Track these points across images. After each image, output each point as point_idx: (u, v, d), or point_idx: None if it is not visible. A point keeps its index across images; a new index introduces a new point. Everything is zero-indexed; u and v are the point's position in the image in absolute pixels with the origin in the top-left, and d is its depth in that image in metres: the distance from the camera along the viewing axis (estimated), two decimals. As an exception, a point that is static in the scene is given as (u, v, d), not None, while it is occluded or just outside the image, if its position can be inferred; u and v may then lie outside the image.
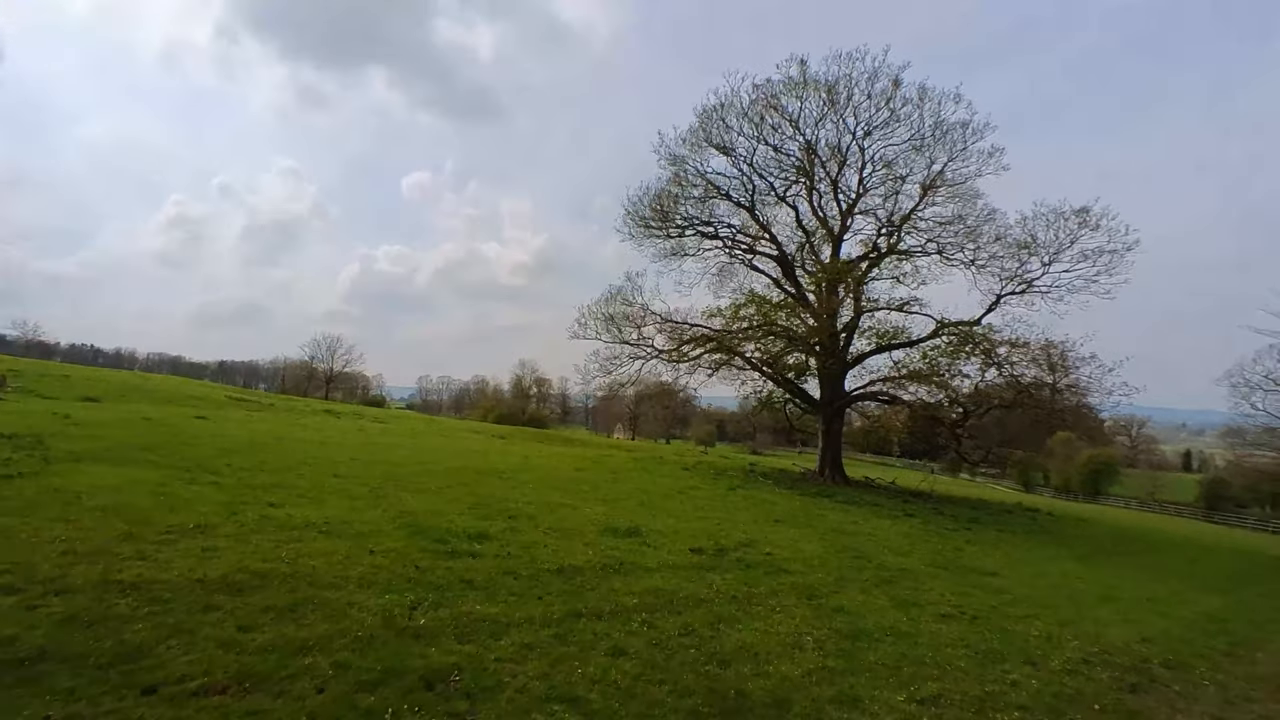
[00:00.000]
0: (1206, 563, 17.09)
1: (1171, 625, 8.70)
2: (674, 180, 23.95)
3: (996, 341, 22.45)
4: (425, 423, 33.20)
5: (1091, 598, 9.89)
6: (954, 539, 14.38)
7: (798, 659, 5.36)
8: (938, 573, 10.11)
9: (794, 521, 13.38)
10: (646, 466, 21.38)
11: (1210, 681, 6.40)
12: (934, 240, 24.25)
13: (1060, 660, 6.30)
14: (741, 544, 10.08)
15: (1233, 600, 11.80)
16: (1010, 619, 7.70)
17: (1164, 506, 49.29)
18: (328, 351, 69.22)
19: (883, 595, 8.02)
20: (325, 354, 69.31)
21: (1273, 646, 8.36)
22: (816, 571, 8.89)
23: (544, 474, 15.57)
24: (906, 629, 6.63)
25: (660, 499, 14.16)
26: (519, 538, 8.31)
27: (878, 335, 25.38)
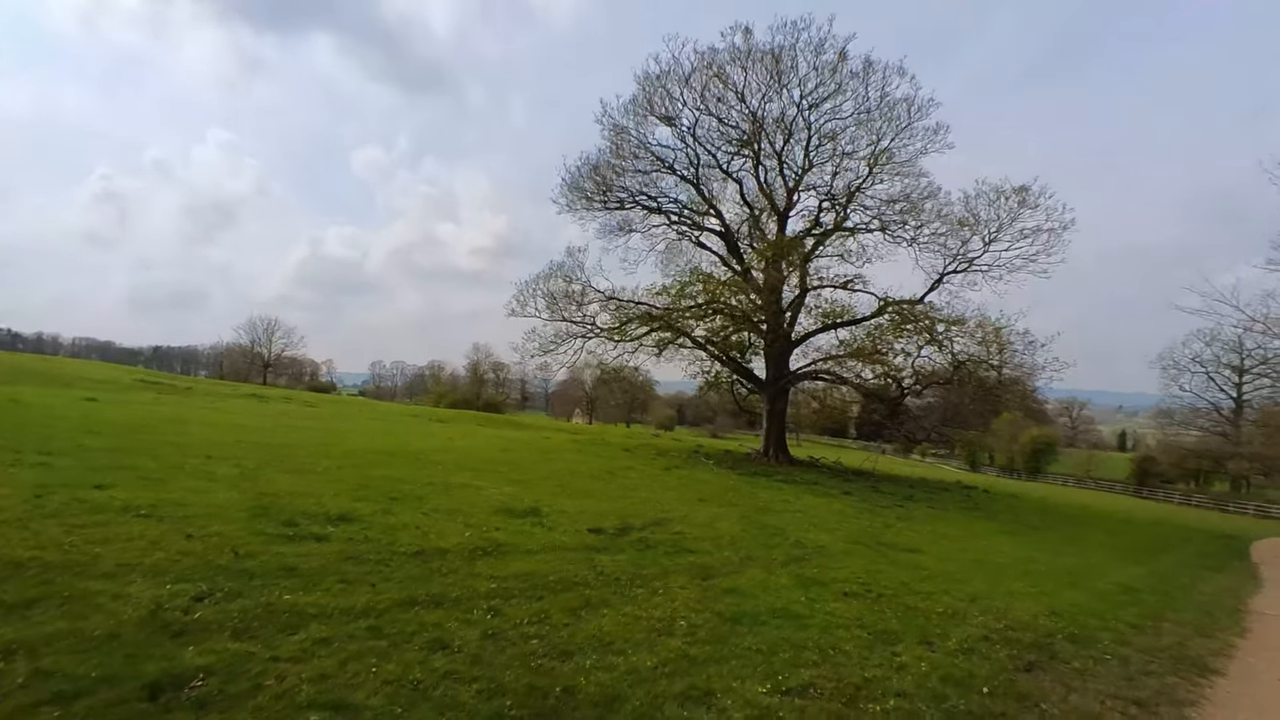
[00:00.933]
0: (1128, 535, 17.35)
1: (1083, 597, 8.44)
2: (614, 151, 23.03)
3: (937, 319, 22.42)
4: (362, 407, 31.76)
5: (1009, 572, 9.62)
6: (885, 516, 14.11)
7: (658, 647, 4.70)
8: (856, 550, 9.68)
9: (720, 500, 12.86)
10: (584, 448, 20.66)
11: (1113, 655, 6.04)
12: (878, 217, 24.02)
13: (959, 638, 5.83)
14: (652, 523, 9.45)
15: (1148, 570, 11.78)
16: (919, 596, 7.26)
17: (1098, 483, 51.20)
18: (265, 334, 65.94)
19: (787, 574, 7.48)
20: (263, 337, 66.03)
21: (1178, 616, 8.16)
22: (724, 550, 8.31)
23: (463, 456, 14.68)
24: (800, 610, 6.07)
25: (584, 479, 13.46)
26: (389, 520, 7.47)
27: (823, 314, 25.15)
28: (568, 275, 23.89)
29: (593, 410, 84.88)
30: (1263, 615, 9.26)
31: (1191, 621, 8.00)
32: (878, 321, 23.45)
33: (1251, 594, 10.89)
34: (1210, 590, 10.48)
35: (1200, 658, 6.48)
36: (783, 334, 24.25)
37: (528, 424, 36.87)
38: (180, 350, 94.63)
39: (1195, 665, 6.20)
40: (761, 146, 24.28)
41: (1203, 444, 51.22)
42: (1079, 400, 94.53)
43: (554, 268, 23.73)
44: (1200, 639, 7.25)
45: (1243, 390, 50.74)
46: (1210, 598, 9.85)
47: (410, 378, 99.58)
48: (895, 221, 23.60)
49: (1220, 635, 7.56)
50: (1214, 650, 6.87)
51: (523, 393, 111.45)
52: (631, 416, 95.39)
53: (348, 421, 21.48)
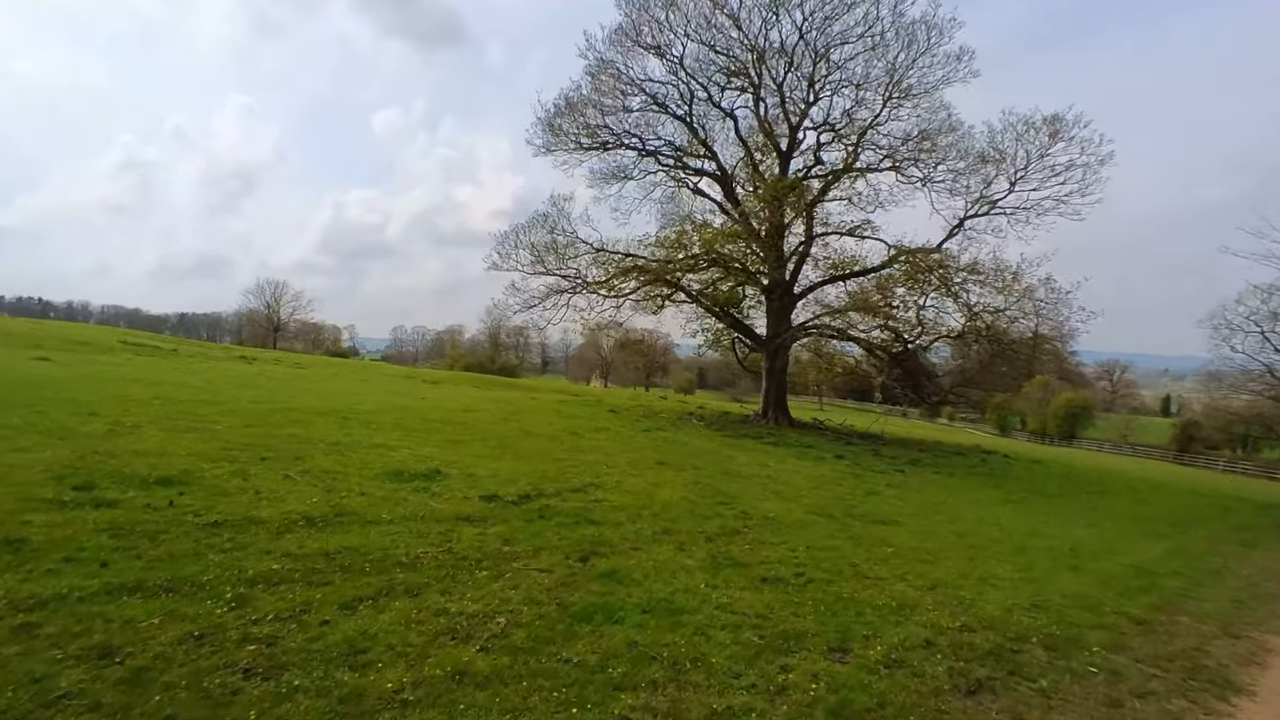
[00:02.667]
0: (1157, 504, 15.52)
1: (1082, 582, 6.92)
2: (595, 87, 21.12)
3: (953, 268, 20.36)
4: (358, 369, 31.11)
5: (998, 549, 8.11)
6: (872, 482, 12.62)
7: (433, 659, 3.43)
8: (814, 522, 8.28)
9: (682, 464, 11.51)
10: (564, 410, 19.45)
11: (1101, 668, 4.58)
12: (890, 155, 21.75)
13: (890, 644, 4.43)
14: (573, 489, 8.18)
15: (1172, 546, 10.12)
16: (864, 582, 5.85)
17: (1135, 449, 48.37)
18: (274, 298, 65.85)
19: (703, 553, 6.13)
20: (271, 300, 65.98)
21: (1200, 608, 6.60)
22: (639, 522, 6.99)
23: (413, 415, 13.57)
24: (685, 602, 4.74)
25: (538, 440, 12.25)
26: (232, 484, 6.32)
27: (831, 265, 23.25)
28: (552, 226, 22.34)
29: (608, 374, 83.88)
30: (1310, 605, 7.62)
31: (1217, 615, 6.44)
32: (888, 272, 21.48)
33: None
34: (1246, 573, 8.81)
35: (1222, 668, 4.97)
36: (784, 286, 22.45)
37: (530, 386, 35.93)
38: (204, 317, 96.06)
39: (1214, 680, 4.70)
40: (762, 80, 22.07)
41: (1253, 408, 47.52)
42: (1121, 363, 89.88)
43: (538, 217, 22.21)
44: (1225, 640, 5.72)
45: (1301, 351, 46.90)
46: (1245, 583, 8.22)
47: (430, 342, 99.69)
48: (908, 159, 21.32)
49: (1252, 634, 6.01)
50: (1241, 656, 5.34)
51: (543, 357, 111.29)
52: (651, 381, 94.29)
53: (324, 383, 20.64)
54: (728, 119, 22.68)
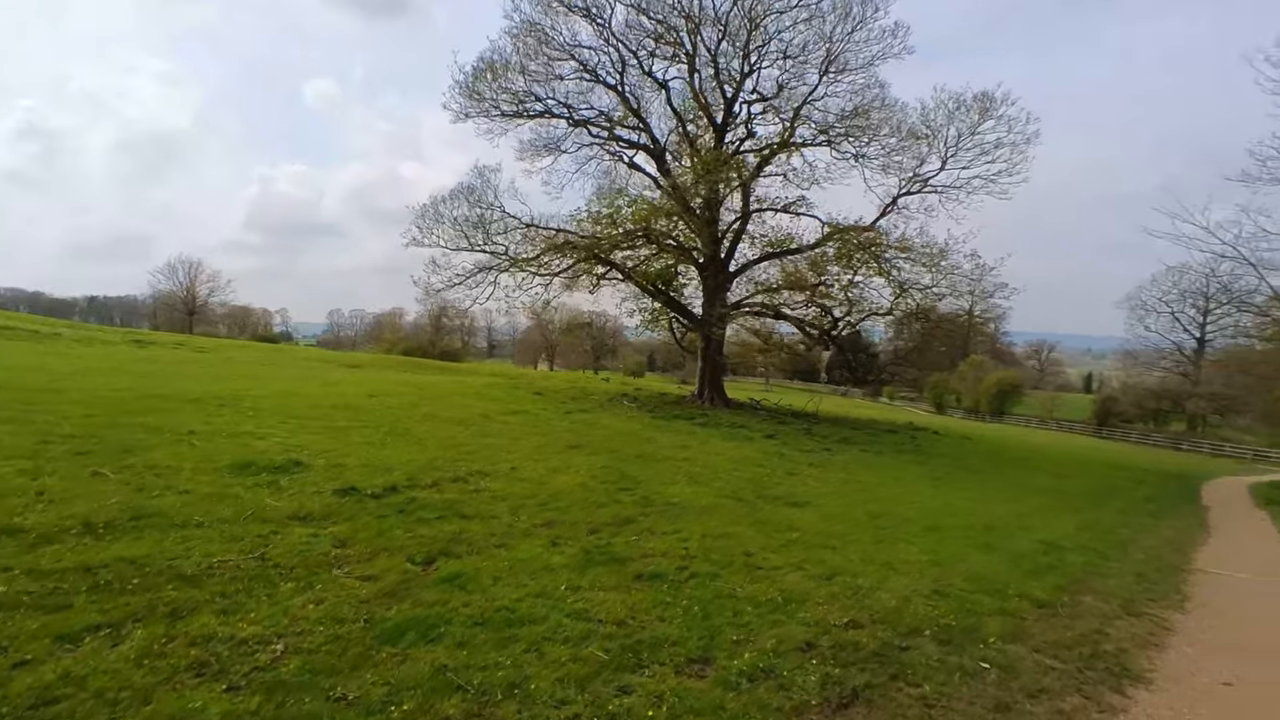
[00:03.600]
0: (1075, 478, 15.85)
1: (992, 563, 6.60)
2: (518, 49, 19.91)
3: (885, 245, 20.27)
4: (272, 352, 29.13)
5: (912, 529, 7.77)
6: (797, 462, 12.27)
7: (151, 706, 2.63)
8: (721, 506, 7.74)
9: (596, 448, 10.83)
10: (488, 393, 18.46)
11: (995, 662, 4.14)
12: (825, 131, 21.42)
13: (762, 649, 3.86)
14: (456, 478, 7.37)
15: (1085, 520, 10.10)
16: (754, 574, 5.30)
17: (1059, 424, 50.73)
18: (187, 278, 61.37)
19: (578, 546, 5.46)
20: (185, 281, 61.51)
21: (1106, 584, 6.38)
22: (519, 514, 6.27)
23: (303, 402, 12.40)
24: (531, 610, 4.05)
25: (440, 424, 11.33)
26: (12, 484, 5.26)
27: (767, 243, 22.83)
28: (478, 199, 21.09)
29: (552, 357, 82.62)
30: (1207, 575, 7.58)
31: (1121, 592, 6.22)
32: (822, 250, 21.24)
33: (1197, 546, 9.29)
34: (1151, 544, 8.80)
35: (1120, 653, 4.64)
36: (719, 264, 21.95)
37: (466, 370, 34.60)
38: (119, 300, 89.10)
39: (1111, 668, 4.35)
40: (696, 49, 21.31)
41: (1163, 384, 50.77)
42: (1048, 343, 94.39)
43: (460, 190, 20.92)
44: (1126, 620, 5.44)
45: (1205, 330, 50.08)
46: (1150, 555, 8.15)
47: (368, 326, 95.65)
48: (843, 135, 21.04)
49: (1153, 611, 5.78)
50: (1141, 638, 5.06)
51: (489, 341, 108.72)
52: (600, 364, 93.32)
53: (222, 368, 19.00)
54: (661, 89, 21.88)
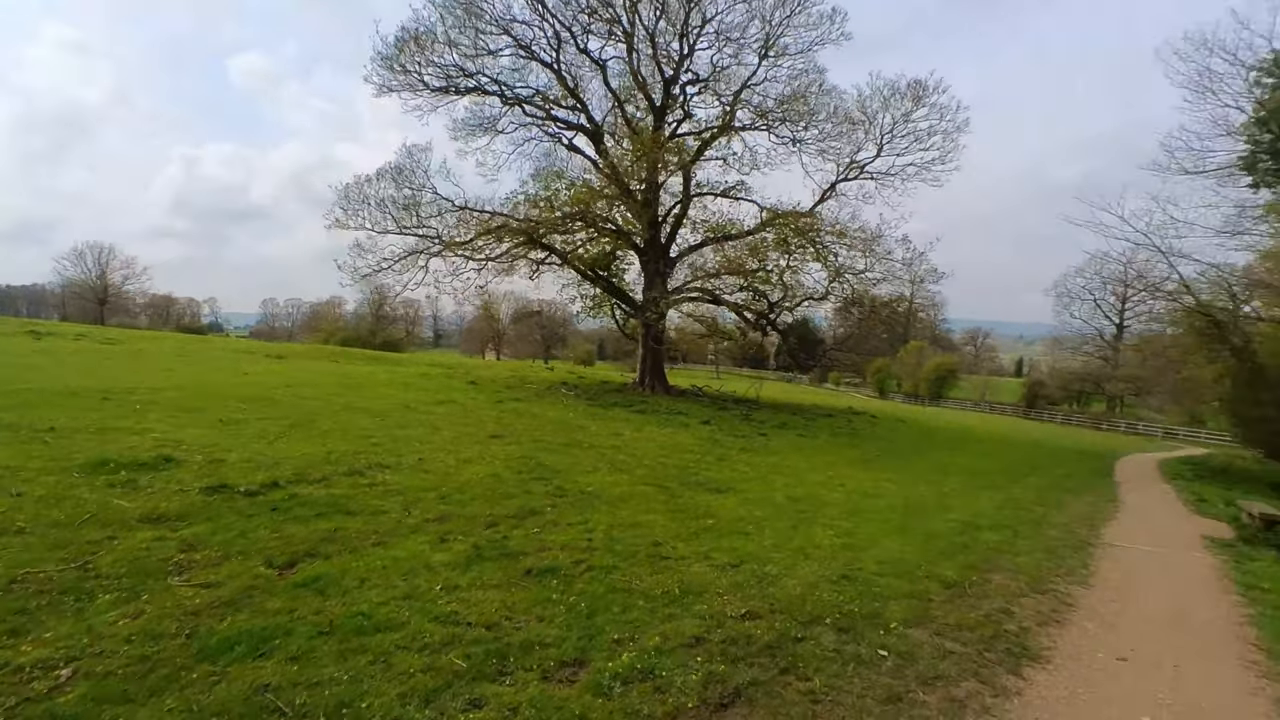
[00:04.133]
0: (1000, 457, 16.36)
1: (906, 545, 6.53)
2: (445, 20, 18.95)
3: (823, 230, 20.41)
4: (189, 343, 27.27)
5: (833, 512, 7.68)
6: (729, 447, 12.13)
7: None
8: (639, 494, 7.46)
9: (519, 438, 10.38)
10: (419, 383, 17.72)
11: (894, 649, 3.97)
12: (764, 115, 21.36)
13: (645, 648, 3.57)
14: (352, 472, 6.83)
15: (1005, 498, 10.31)
16: (657, 565, 5.03)
17: (992, 407, 53.00)
18: (97, 265, 57.07)
19: (469, 542, 5.06)
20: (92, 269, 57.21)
21: (1015, 561, 6.40)
22: (413, 510, 5.81)
23: (202, 394, 11.49)
24: (392, 615, 3.64)
25: (354, 416, 10.65)
26: None
27: (709, 228, 22.65)
28: (408, 180, 20.10)
29: (499, 346, 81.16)
30: (1113, 548, 7.77)
31: (1029, 569, 6.23)
32: (761, 235, 21.22)
33: (1107, 520, 9.58)
34: (1063, 520, 9.01)
35: (1022, 633, 4.57)
36: (659, 249, 21.66)
37: (406, 360, 33.32)
38: (25, 290, 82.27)
39: (1011, 649, 4.25)
40: (635, 28, 20.83)
41: (1086, 368, 53.65)
42: (983, 330, 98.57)
43: (388, 170, 19.88)
44: (1033, 597, 5.43)
45: (1124, 316, 53.12)
46: (1061, 530, 8.32)
47: (306, 315, 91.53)
48: (781, 120, 21.03)
49: (1058, 587, 5.80)
50: (1044, 615, 5.02)
51: (435, 330, 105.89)
52: (550, 353, 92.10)
53: (125, 359, 17.55)
54: (598, 69, 21.33)
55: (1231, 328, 19.03)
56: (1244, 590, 6.33)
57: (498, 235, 20.39)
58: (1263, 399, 17.87)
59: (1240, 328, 19.33)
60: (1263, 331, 19.40)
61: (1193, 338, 20.52)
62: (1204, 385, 23.36)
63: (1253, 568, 7.25)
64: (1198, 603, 5.90)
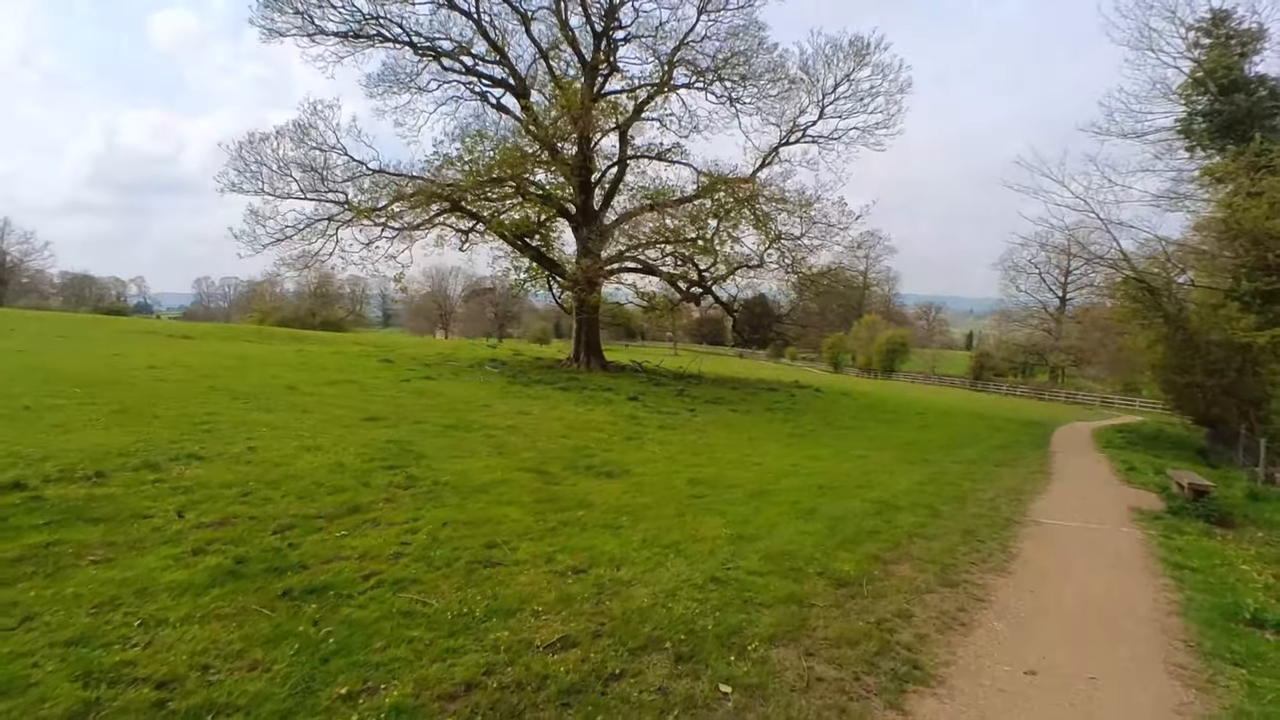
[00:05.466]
0: (938, 429, 15.93)
1: (806, 533, 5.69)
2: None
3: (762, 197, 19.53)
4: (78, 324, 24.89)
5: (735, 495, 6.82)
6: (647, 425, 11.22)
7: None
8: (513, 481, 6.44)
9: (403, 420, 9.23)
10: (323, 362, 16.25)
11: (741, 683, 3.07)
12: (703, 74, 20.21)
13: (382, 704, 2.55)
14: (147, 464, 5.60)
15: (933, 472, 9.66)
16: (475, 575, 4.02)
17: (941, 379, 53.76)
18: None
19: (228, 555, 3.94)
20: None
21: (929, 546, 5.63)
22: (186, 512, 4.65)
23: (35, 376, 9.95)
24: (16, 672, 2.53)
25: (209, 399, 9.31)
26: None
27: (645, 194, 21.49)
28: (317, 139, 18.30)
29: (447, 325, 78.75)
30: (1039, 526, 7.13)
31: (942, 556, 5.46)
32: (700, 202, 20.21)
33: (1036, 494, 9.01)
34: (990, 496, 8.37)
35: (917, 644, 3.73)
36: (592, 216, 20.45)
37: (332, 340, 31.37)
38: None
39: (898, 670, 3.40)
40: (561, -23, 19.30)
41: (1030, 340, 54.84)
42: (935, 304, 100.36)
43: (289, 128, 18.05)
44: (939, 593, 4.63)
45: (1067, 289, 54.39)
46: (985, 508, 7.65)
47: (242, 295, 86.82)
48: (720, 78, 19.93)
49: (972, 578, 5.04)
50: (948, 617, 4.22)
51: (384, 309, 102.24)
52: (505, 331, 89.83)
53: None
54: (523, 21, 19.74)
55: (1165, 296, 19.02)
56: (1172, 571, 5.72)
57: (416, 201, 18.86)
58: (1192, 365, 17.90)
59: (1174, 296, 19.34)
60: (1195, 300, 19.47)
61: (1129, 306, 20.51)
62: (1138, 353, 23.54)
63: (1181, 543, 6.70)
64: (1123, 589, 5.23)
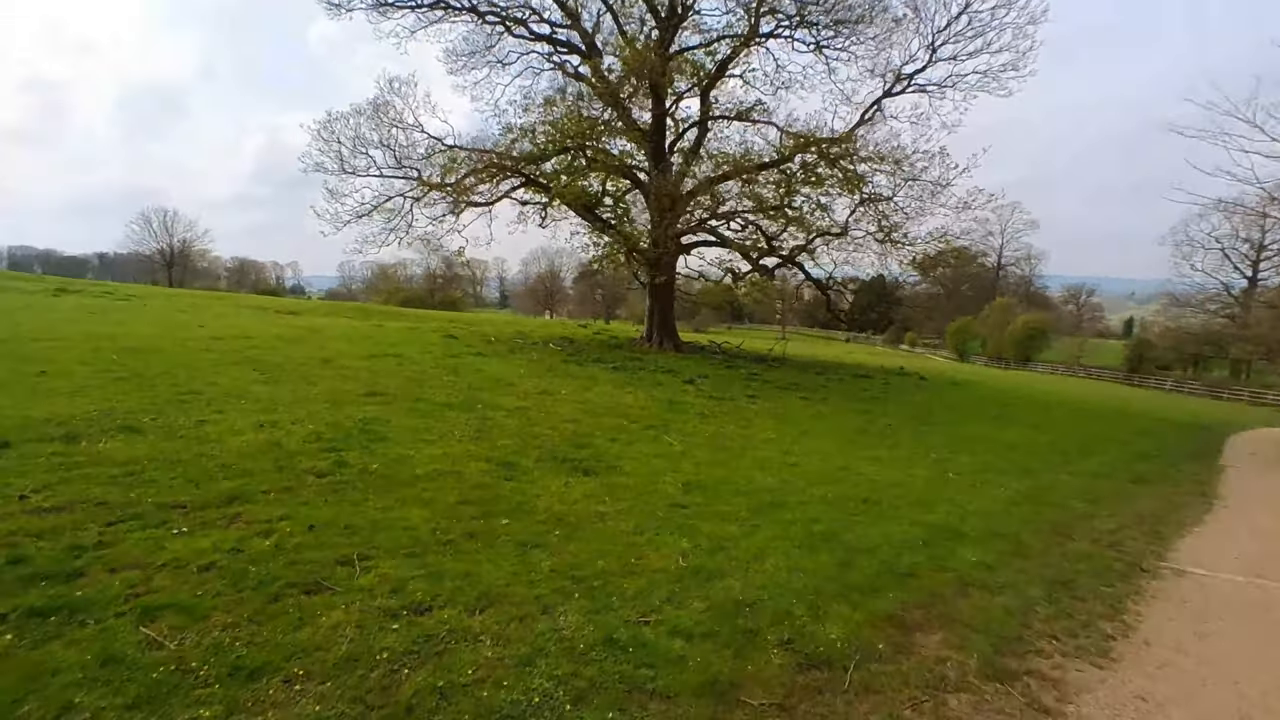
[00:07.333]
0: (1058, 429, 13.00)
1: (798, 571, 4.15)
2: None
3: (859, 158, 17.13)
4: (211, 300, 27.36)
5: (731, 507, 5.36)
6: (685, 413, 9.87)
7: None
8: (456, 472, 5.41)
9: (403, 396, 8.55)
10: (385, 337, 16.31)
11: None
12: (788, 21, 17.99)
13: None
14: (66, 436, 5.17)
15: (1038, 485, 7.48)
16: (280, 609, 3.00)
17: (1087, 371, 46.68)
18: (162, 229, 60.12)
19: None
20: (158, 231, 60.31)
21: (986, 605, 3.87)
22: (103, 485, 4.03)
23: (78, 344, 10.39)
24: None
25: (229, 369, 9.18)
26: None
27: (726, 160, 19.70)
28: (388, 116, 18.38)
29: (552, 306, 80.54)
30: (1185, 578, 4.99)
31: (1003, 620, 3.72)
32: (787, 167, 18.12)
33: (1189, 525, 6.61)
34: (1111, 526, 6.16)
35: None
36: (667, 185, 19.00)
37: (429, 317, 32.54)
38: (129, 257, 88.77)
39: None
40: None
41: (1207, 327, 45.96)
42: (1087, 287, 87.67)
43: (366, 106, 18.20)
44: (976, 693, 3.01)
45: (1259, 267, 44.95)
46: (1102, 542, 5.55)
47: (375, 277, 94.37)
48: (811, 23, 17.63)
49: (1040, 669, 3.29)
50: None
51: (501, 290, 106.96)
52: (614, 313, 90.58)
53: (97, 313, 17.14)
54: (595, -23, 18.55)
55: None
56: None
57: (487, 174, 18.48)
58: None
59: None
60: None
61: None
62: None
63: None
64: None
